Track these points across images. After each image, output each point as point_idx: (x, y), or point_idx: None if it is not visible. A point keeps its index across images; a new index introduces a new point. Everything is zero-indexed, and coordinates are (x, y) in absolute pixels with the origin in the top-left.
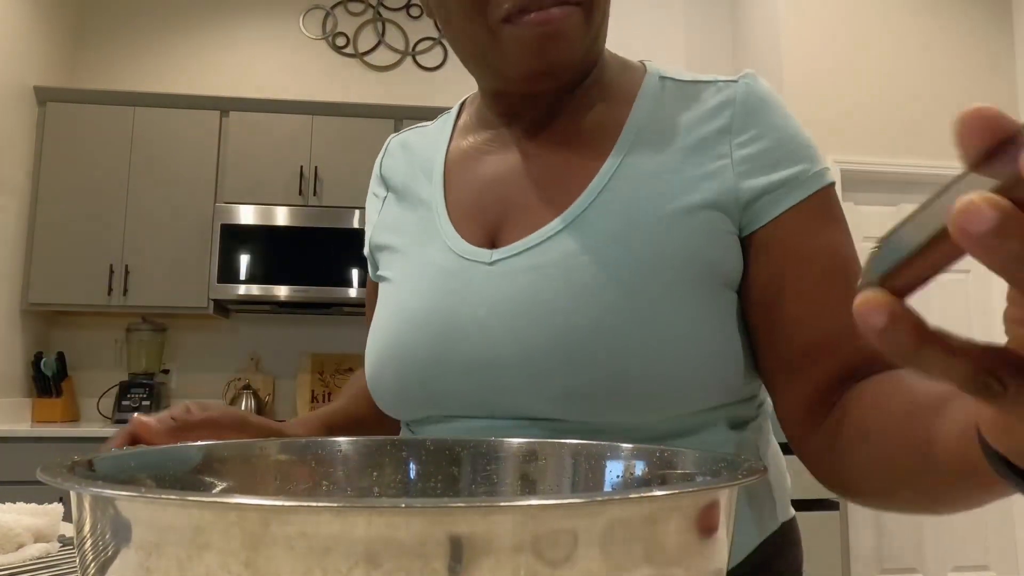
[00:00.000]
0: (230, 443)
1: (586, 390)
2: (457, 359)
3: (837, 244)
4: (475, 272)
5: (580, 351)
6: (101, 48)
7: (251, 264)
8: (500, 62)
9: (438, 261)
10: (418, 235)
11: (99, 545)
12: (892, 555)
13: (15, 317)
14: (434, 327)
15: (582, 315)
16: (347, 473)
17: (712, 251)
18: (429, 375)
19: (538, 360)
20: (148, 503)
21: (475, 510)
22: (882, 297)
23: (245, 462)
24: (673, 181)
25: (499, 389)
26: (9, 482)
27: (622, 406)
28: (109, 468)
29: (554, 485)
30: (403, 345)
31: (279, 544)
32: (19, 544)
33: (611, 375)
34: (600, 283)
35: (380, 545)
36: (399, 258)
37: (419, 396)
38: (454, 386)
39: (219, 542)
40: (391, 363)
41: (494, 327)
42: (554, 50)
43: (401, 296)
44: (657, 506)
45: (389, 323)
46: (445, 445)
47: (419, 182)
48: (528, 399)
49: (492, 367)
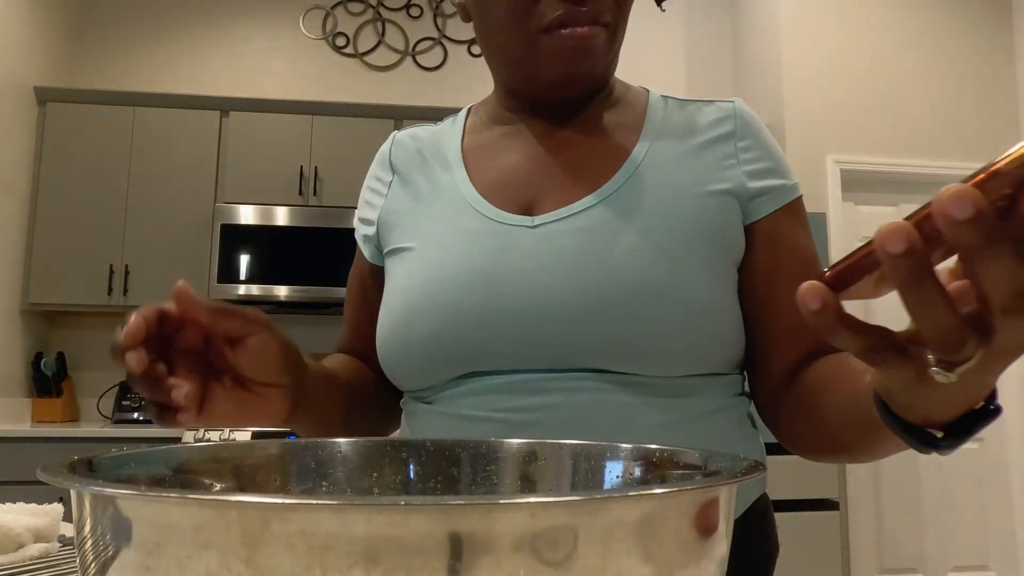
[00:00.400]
0: (230, 444)
1: (625, 338)
2: (506, 307)
3: (811, 244)
4: (518, 234)
5: (623, 304)
6: (101, 48)
7: (251, 264)
8: (535, 67)
9: (474, 227)
10: (443, 208)
11: (99, 545)
12: (892, 555)
13: (15, 317)
14: (478, 280)
15: (626, 271)
16: (347, 474)
17: (729, 232)
18: (474, 323)
19: (585, 309)
20: (148, 501)
21: (474, 507)
22: (818, 287)
23: (244, 462)
24: (695, 169)
25: (544, 336)
26: (9, 482)
27: (653, 357)
28: (108, 468)
29: (554, 485)
30: (442, 297)
31: (279, 542)
32: (19, 544)
33: (649, 328)
34: (640, 247)
35: (379, 543)
36: (423, 228)
37: (457, 348)
38: (499, 334)
39: (219, 540)
40: (425, 317)
41: (543, 278)
42: (584, 61)
43: (432, 256)
44: (657, 504)
45: (419, 282)
46: (445, 445)
47: (434, 169)
48: (570, 348)
49: (540, 314)
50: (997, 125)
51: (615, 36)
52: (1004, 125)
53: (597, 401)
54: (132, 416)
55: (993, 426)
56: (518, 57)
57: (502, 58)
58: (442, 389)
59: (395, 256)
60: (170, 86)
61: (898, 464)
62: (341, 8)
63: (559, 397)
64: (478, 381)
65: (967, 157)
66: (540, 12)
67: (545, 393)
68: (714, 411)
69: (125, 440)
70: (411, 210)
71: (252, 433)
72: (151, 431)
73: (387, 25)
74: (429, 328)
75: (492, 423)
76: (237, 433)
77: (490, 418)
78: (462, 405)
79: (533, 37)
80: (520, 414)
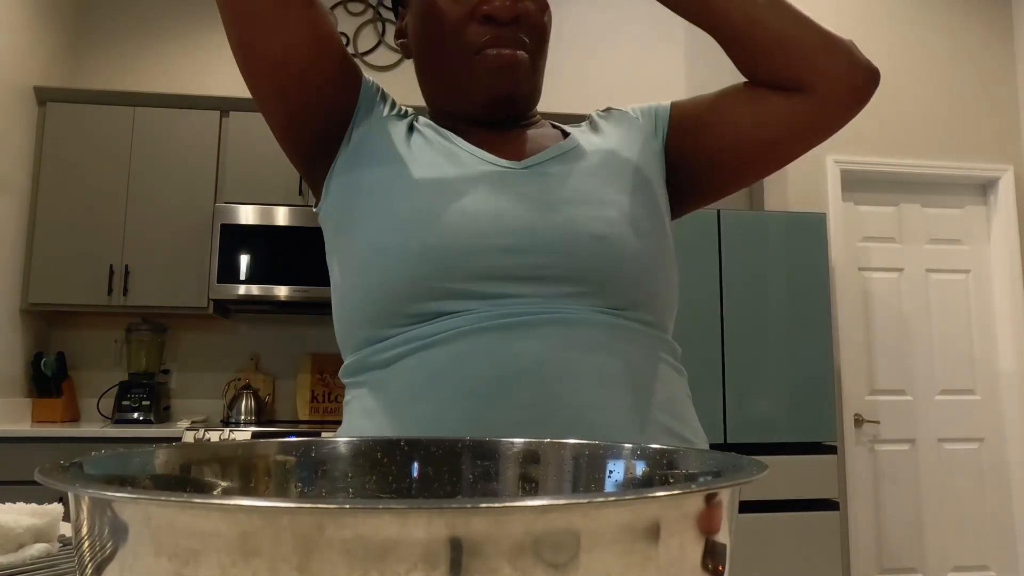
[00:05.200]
0: (229, 443)
1: (637, 262)
2: (552, 228)
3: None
4: (512, 173)
5: (632, 231)
6: (101, 48)
7: (251, 264)
8: (469, 87)
9: (475, 165)
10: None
11: (96, 546)
12: (892, 555)
13: (15, 317)
14: (528, 201)
15: (614, 206)
16: (347, 473)
17: (660, 180)
18: (523, 242)
19: (611, 235)
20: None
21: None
22: None
23: (243, 462)
24: (624, 138)
25: (580, 259)
26: (9, 482)
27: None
28: (106, 468)
29: (555, 486)
30: (489, 210)
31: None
32: (19, 544)
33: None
34: (614, 188)
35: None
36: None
37: (505, 261)
38: (540, 246)
39: (218, 543)
40: (470, 222)
41: (581, 205)
42: (512, 77)
43: (432, 178)
44: (660, 506)
45: (452, 184)
46: (445, 445)
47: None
48: (601, 272)
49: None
50: (997, 125)
51: (536, 62)
52: (1004, 125)
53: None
54: (132, 416)
55: (993, 426)
56: (455, 79)
57: (440, 83)
58: (440, 318)
59: (383, 166)
60: (170, 86)
61: (898, 464)
62: (341, 8)
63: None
64: (502, 300)
65: (967, 157)
66: (470, 37)
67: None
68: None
69: (125, 440)
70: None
71: (252, 433)
72: (151, 431)
73: (387, 25)
74: (478, 237)
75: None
76: (237, 433)
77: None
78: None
79: (466, 60)
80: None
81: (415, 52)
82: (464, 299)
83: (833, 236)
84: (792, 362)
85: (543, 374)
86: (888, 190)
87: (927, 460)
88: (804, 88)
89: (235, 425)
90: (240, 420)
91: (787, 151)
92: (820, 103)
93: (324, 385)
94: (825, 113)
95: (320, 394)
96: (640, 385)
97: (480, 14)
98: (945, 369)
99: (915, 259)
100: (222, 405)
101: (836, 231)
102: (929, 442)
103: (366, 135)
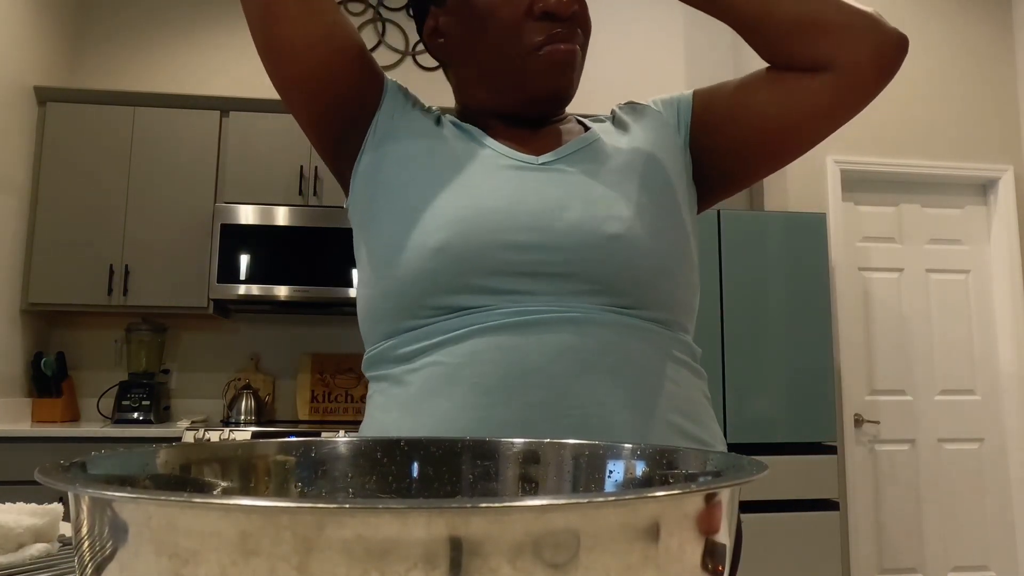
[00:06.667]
0: (229, 443)
1: (654, 266)
2: (565, 226)
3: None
4: (530, 170)
5: (649, 229)
6: (101, 48)
7: (251, 264)
8: (523, 85)
9: (495, 159)
10: (457, 144)
11: (96, 546)
12: (892, 555)
13: (15, 317)
14: (544, 198)
15: (631, 204)
16: (347, 473)
17: (686, 174)
18: (535, 239)
19: (627, 231)
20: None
21: (481, 511)
22: None
23: (243, 462)
24: (645, 134)
25: (593, 257)
26: (9, 482)
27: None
28: (106, 468)
29: (555, 486)
30: (504, 206)
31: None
32: (19, 544)
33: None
34: (632, 186)
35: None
36: (439, 154)
37: (518, 257)
38: (558, 242)
39: (217, 543)
40: (484, 218)
41: (598, 202)
42: (568, 74)
43: (455, 178)
44: (660, 506)
45: (469, 180)
46: (445, 445)
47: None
48: (614, 270)
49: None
50: (997, 125)
51: (583, 57)
52: (1004, 125)
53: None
54: (132, 416)
55: (993, 426)
56: (507, 77)
57: (490, 81)
58: (460, 313)
59: (404, 162)
60: (170, 86)
61: (898, 464)
62: (341, 8)
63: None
64: (518, 297)
65: (967, 157)
66: (528, 35)
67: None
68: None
69: (125, 440)
70: (424, 131)
71: (252, 433)
72: (151, 431)
73: (387, 25)
74: (499, 234)
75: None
76: (237, 433)
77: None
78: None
79: (522, 58)
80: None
81: (458, 52)
82: (480, 294)
83: (833, 236)
84: (792, 362)
85: (554, 373)
86: (888, 190)
87: (927, 460)
88: (829, 67)
89: (235, 425)
90: (240, 420)
91: (816, 132)
92: (847, 81)
93: (324, 385)
94: (854, 90)
95: (320, 394)
96: (652, 386)
97: (539, 11)
98: (945, 369)
99: (915, 259)
100: (222, 405)
101: (836, 231)
102: (929, 442)
103: (389, 131)
